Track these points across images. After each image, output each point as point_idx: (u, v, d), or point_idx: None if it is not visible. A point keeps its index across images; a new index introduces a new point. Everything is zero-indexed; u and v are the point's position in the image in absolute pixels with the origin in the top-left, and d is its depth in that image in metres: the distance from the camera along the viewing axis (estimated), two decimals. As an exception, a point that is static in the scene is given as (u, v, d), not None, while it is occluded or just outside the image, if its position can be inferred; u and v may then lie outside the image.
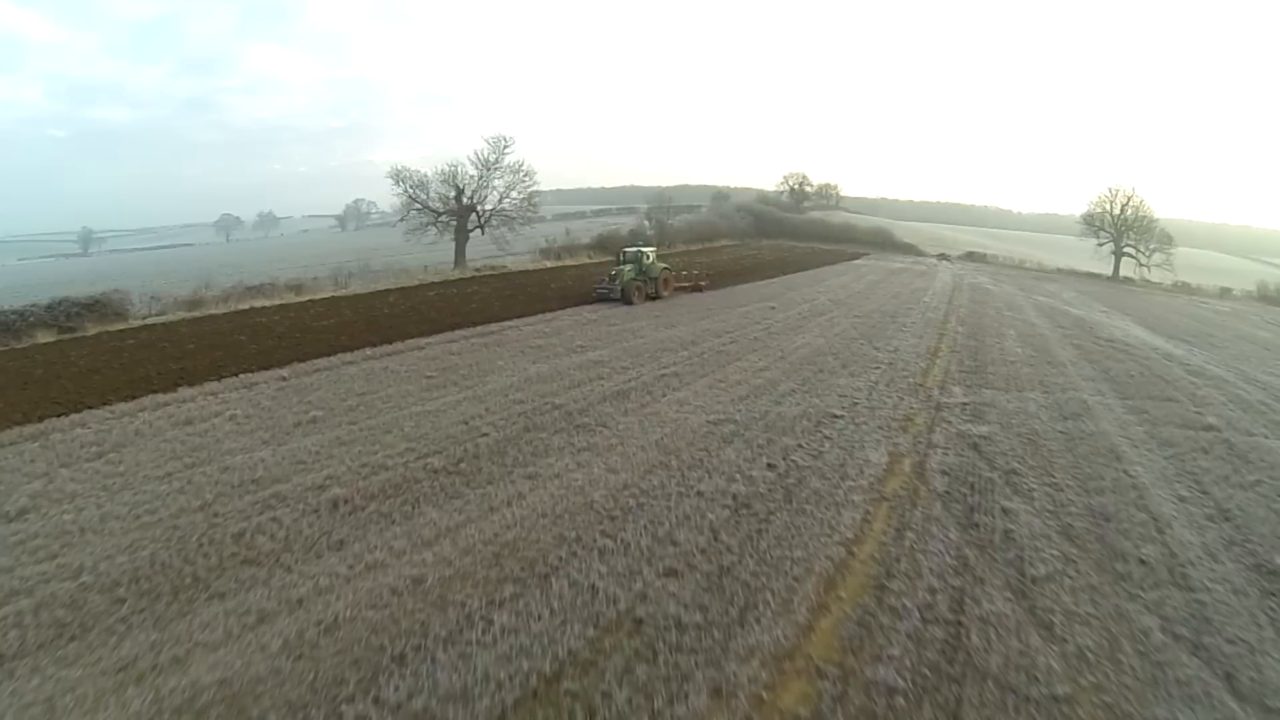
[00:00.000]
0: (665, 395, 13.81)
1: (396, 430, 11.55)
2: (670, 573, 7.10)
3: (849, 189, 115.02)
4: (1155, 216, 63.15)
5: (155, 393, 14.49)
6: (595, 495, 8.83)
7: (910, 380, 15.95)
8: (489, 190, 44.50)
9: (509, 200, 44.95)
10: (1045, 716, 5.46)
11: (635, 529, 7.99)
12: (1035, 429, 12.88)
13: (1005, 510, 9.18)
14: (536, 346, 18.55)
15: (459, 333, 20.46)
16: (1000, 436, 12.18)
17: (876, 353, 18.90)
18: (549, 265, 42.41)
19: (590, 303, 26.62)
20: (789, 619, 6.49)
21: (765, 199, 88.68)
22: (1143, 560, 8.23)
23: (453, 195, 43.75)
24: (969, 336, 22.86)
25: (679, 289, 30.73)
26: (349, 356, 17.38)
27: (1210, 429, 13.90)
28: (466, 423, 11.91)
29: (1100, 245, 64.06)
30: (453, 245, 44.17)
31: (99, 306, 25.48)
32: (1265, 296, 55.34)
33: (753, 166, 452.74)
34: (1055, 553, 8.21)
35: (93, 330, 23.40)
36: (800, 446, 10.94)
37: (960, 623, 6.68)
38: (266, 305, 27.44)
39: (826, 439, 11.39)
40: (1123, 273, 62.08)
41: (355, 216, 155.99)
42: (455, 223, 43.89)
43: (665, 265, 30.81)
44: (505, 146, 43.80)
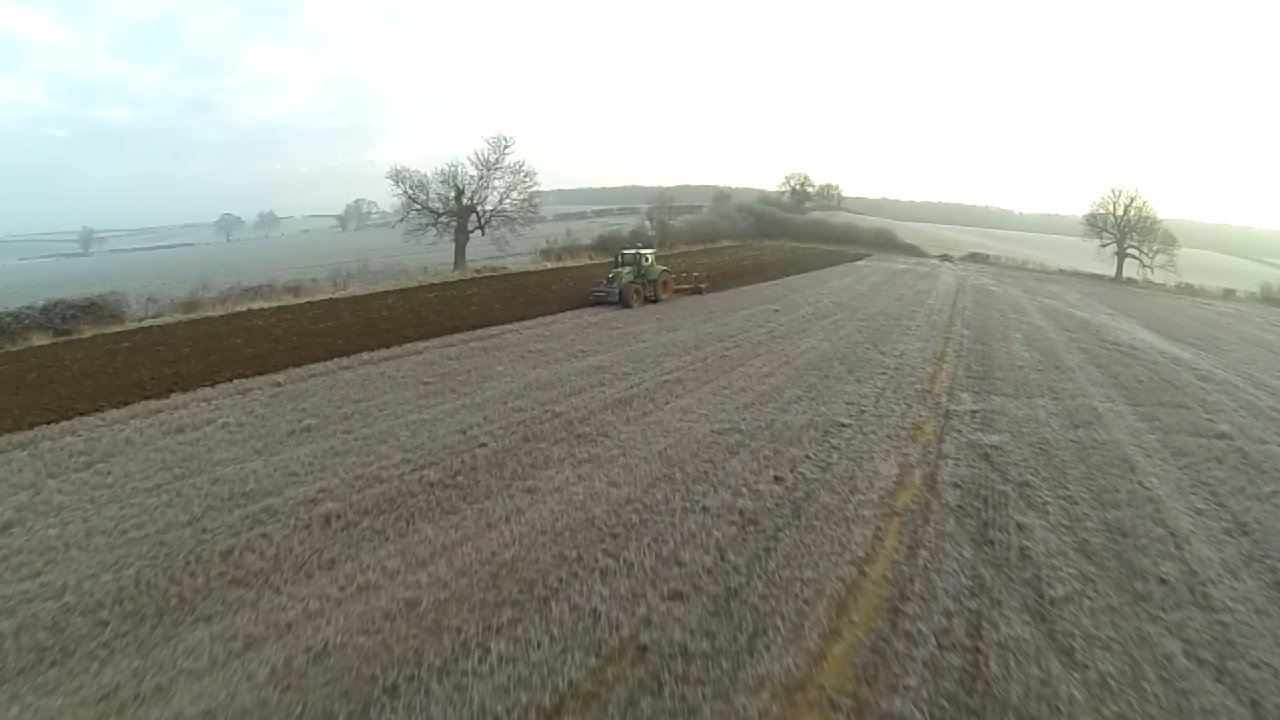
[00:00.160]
0: (668, 403, 13.52)
1: (392, 440, 11.27)
2: (675, 595, 6.80)
3: (850, 189, 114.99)
4: (1158, 217, 62.99)
5: (148, 399, 14.26)
6: (597, 511, 8.53)
7: (918, 387, 15.67)
8: (489, 191, 44.27)
9: (509, 201, 44.72)
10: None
11: (638, 547, 7.69)
12: (1046, 438, 12.61)
13: (1020, 526, 8.90)
14: (536, 351, 18.26)
15: (458, 336, 20.18)
16: (1011, 446, 11.91)
17: (882, 358, 18.62)
18: (549, 266, 42.08)
19: (591, 305, 26.26)
20: (800, 646, 6.21)
21: (767, 199, 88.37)
22: (1163, 579, 7.99)
23: (453, 196, 43.49)
24: (975, 340, 22.57)
25: (678, 291, 30.17)
26: (345, 361, 17.11)
27: (1223, 437, 13.69)
28: (464, 432, 11.62)
29: (1103, 246, 63.82)
30: (452, 246, 43.93)
31: (95, 309, 25.26)
32: (1269, 298, 55.17)
33: (754, 167, 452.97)
34: (1073, 571, 7.96)
35: (88, 333, 23.21)
36: (808, 458, 10.65)
37: (978, 649, 6.42)
38: (264, 307, 27.20)
39: (834, 449, 11.10)
40: (1125, 274, 61.83)
41: (356, 216, 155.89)
42: (455, 223, 43.63)
43: (664, 267, 30.23)
44: (505, 147, 43.58)
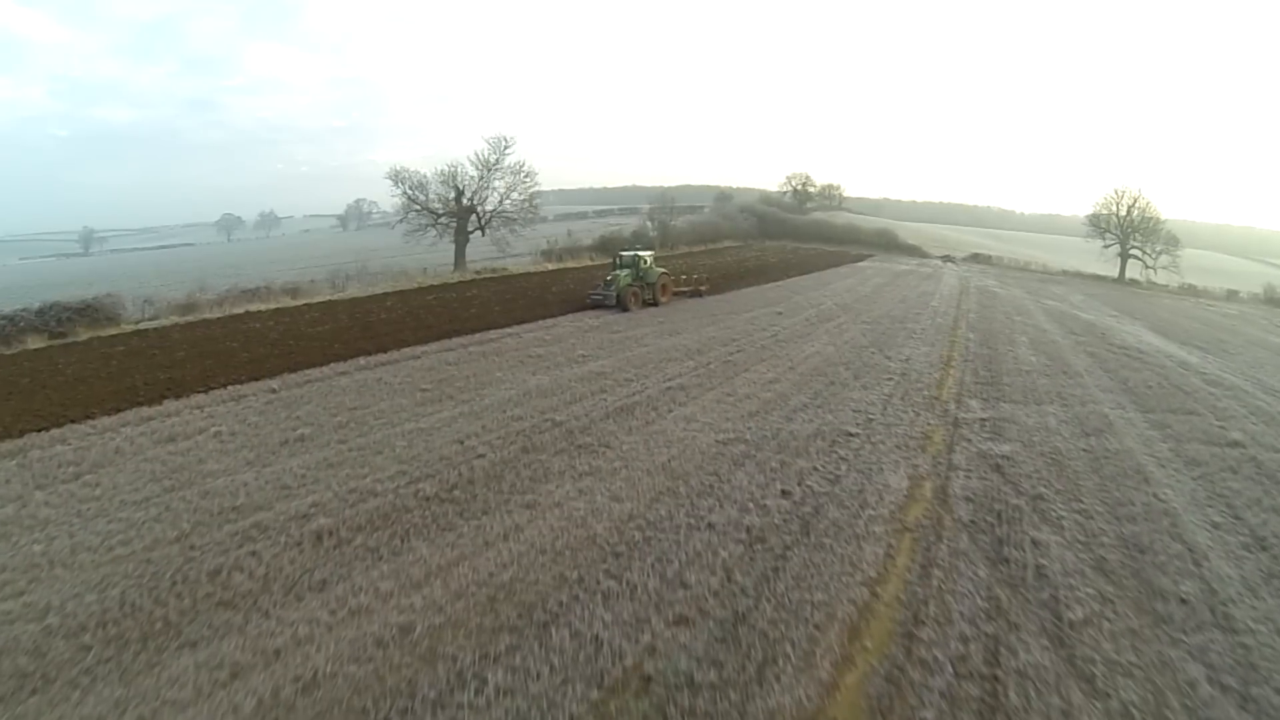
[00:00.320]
0: (671, 411, 13.21)
1: (388, 450, 10.97)
2: (681, 621, 6.51)
3: (851, 189, 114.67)
4: (1162, 218, 62.71)
5: (140, 405, 13.98)
6: (598, 528, 8.22)
7: (925, 393, 15.37)
8: (489, 191, 44.00)
9: (509, 201, 44.44)
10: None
11: (642, 568, 7.38)
12: (1058, 447, 12.32)
13: (1035, 542, 8.61)
14: (536, 356, 17.96)
15: (456, 340, 19.87)
16: (1023, 457, 11.61)
17: (888, 362, 18.32)
18: (550, 267, 41.74)
19: (589, 309, 25.87)
20: (811, 675, 5.93)
21: (768, 199, 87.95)
22: (1183, 599, 7.72)
23: (452, 196, 43.20)
24: (981, 344, 22.27)
25: (677, 294, 29.63)
26: (342, 366, 16.81)
27: (1236, 445, 13.43)
28: (461, 442, 11.31)
29: (1106, 247, 63.54)
30: (452, 247, 43.64)
31: (90, 311, 24.98)
32: (1272, 299, 54.95)
33: (755, 166, 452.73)
34: (1091, 591, 7.67)
35: (84, 335, 22.94)
36: (816, 470, 10.35)
37: (996, 677, 6.13)
38: (261, 309, 26.93)
39: (843, 460, 10.80)
40: (1128, 275, 61.54)
41: (356, 216, 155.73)
42: (455, 224, 43.34)
43: (663, 269, 29.57)
44: (506, 147, 43.31)
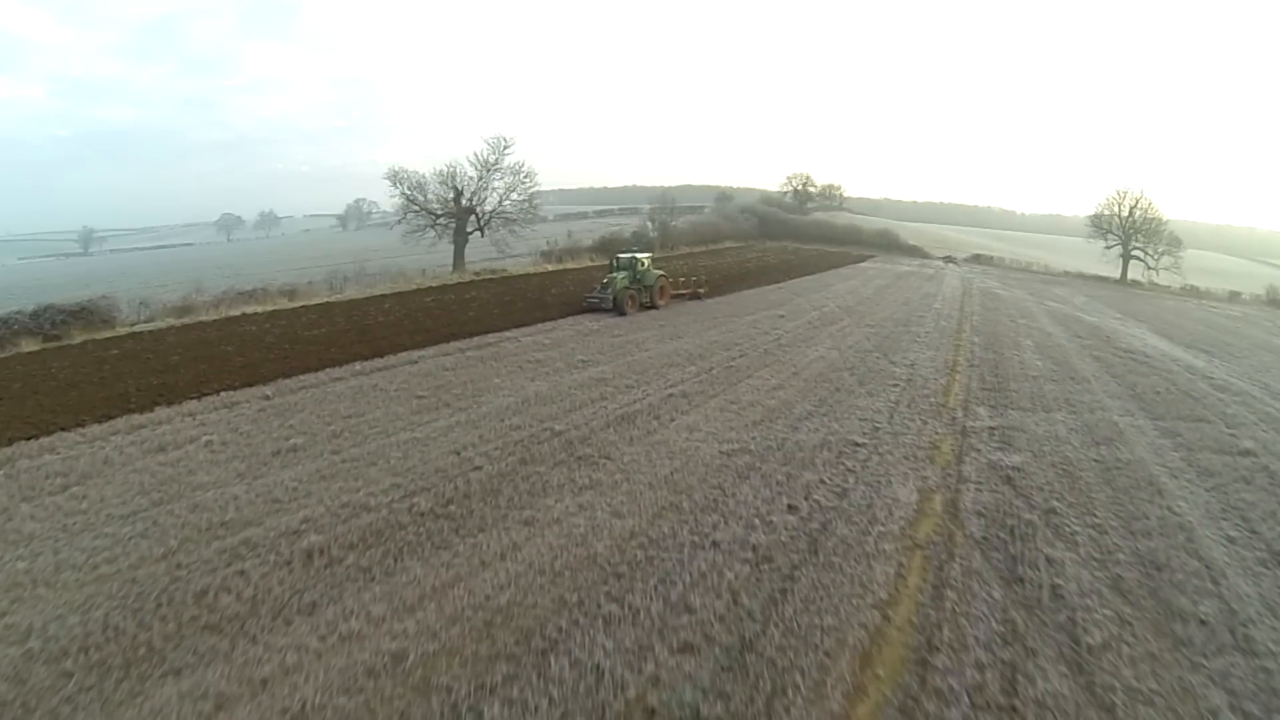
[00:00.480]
0: (674, 420, 12.93)
1: (382, 462, 10.69)
2: (686, 648, 6.23)
3: (852, 189, 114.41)
4: (1164, 219, 62.52)
5: (131, 412, 13.74)
6: (599, 546, 7.93)
7: (932, 400, 15.10)
8: (488, 192, 43.75)
9: (509, 202, 44.19)
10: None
11: (645, 590, 7.10)
12: (1069, 457, 12.05)
13: (1050, 560, 8.34)
14: (536, 361, 17.67)
15: (454, 344, 19.59)
16: (1033, 468, 11.34)
17: (893, 367, 18.05)
18: (550, 268, 41.48)
19: (599, 311, 25.46)
20: (822, 707, 5.66)
21: (769, 200, 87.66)
22: (1202, 620, 7.45)
23: (451, 197, 42.93)
24: (986, 348, 22.00)
25: (676, 297, 29.10)
26: (338, 372, 16.52)
27: (1247, 454, 13.17)
28: (458, 453, 11.03)
29: (1108, 248, 63.35)
30: (451, 248, 43.37)
31: (85, 313, 24.73)
32: (1274, 301, 54.86)
33: (756, 166, 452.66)
34: (1109, 613, 7.40)
35: (79, 338, 22.71)
36: (823, 483, 10.06)
37: (1014, 708, 5.87)
38: (258, 311, 26.64)
39: (850, 473, 10.52)
40: (1130, 275, 61.33)
41: (356, 216, 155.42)
42: (454, 225, 43.07)
43: (661, 272, 28.82)
44: (505, 147, 43.08)
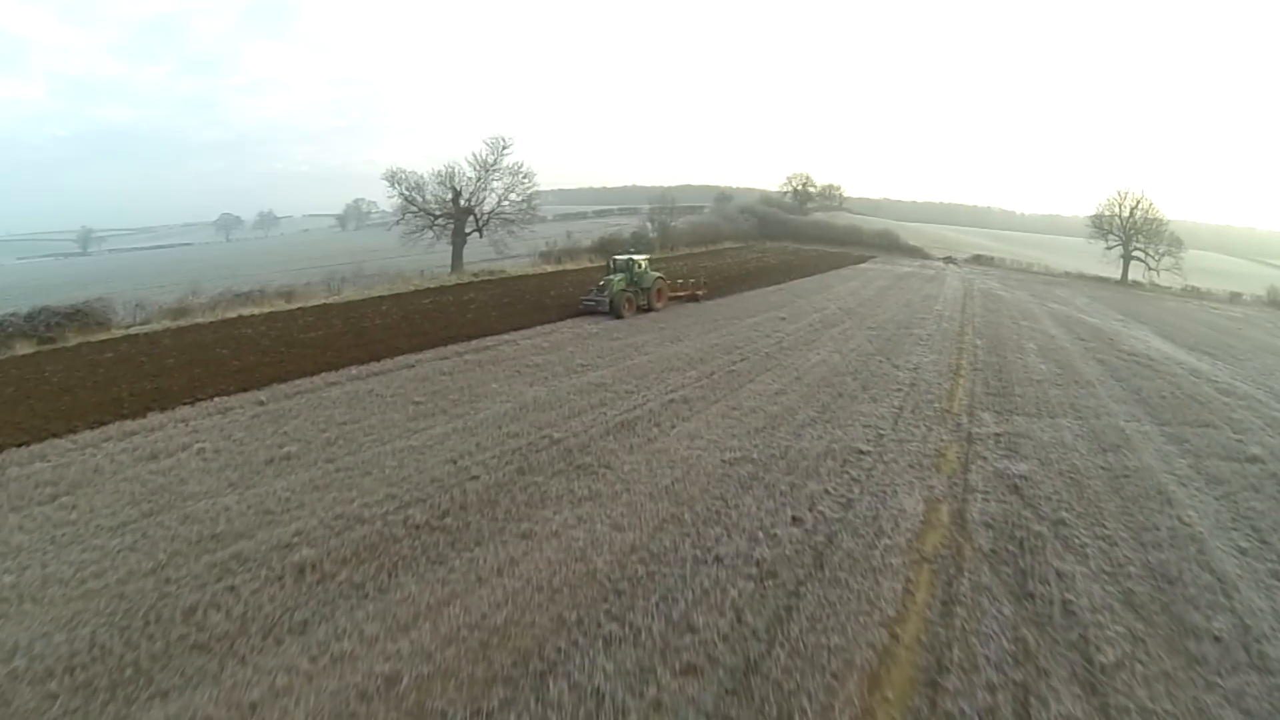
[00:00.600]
0: (674, 427, 12.70)
1: (377, 471, 10.46)
2: (689, 670, 6.02)
3: (852, 189, 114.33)
4: (1165, 219, 62.40)
5: (124, 418, 13.52)
6: (599, 561, 7.72)
7: (936, 405, 14.90)
8: (487, 192, 43.55)
9: (508, 202, 43.99)
10: None
11: (646, 608, 6.89)
12: (1076, 465, 11.85)
13: (1060, 574, 8.14)
14: (534, 365, 17.45)
15: (452, 348, 19.36)
16: (1041, 476, 11.14)
17: (896, 371, 17.85)
18: (549, 269, 41.27)
19: (595, 313, 25.14)
20: (830, 734, 5.47)
21: (768, 200, 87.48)
22: (1216, 637, 7.25)
23: (450, 198, 42.72)
24: (989, 351, 21.82)
25: (674, 299, 28.60)
26: (333, 376, 16.29)
27: (1255, 460, 12.98)
28: (454, 462, 10.80)
29: (1109, 249, 63.21)
30: (450, 248, 43.16)
31: (80, 316, 24.51)
32: (1275, 302, 54.79)
33: (755, 167, 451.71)
34: (1121, 630, 7.20)
35: (74, 341, 22.50)
36: (827, 493, 9.86)
37: (1029, 732, 5.68)
38: (255, 314, 26.41)
39: (855, 482, 10.31)
40: (1131, 276, 61.20)
41: (355, 216, 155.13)
42: (452, 226, 42.86)
43: (658, 274, 28.35)
44: (504, 147, 42.88)
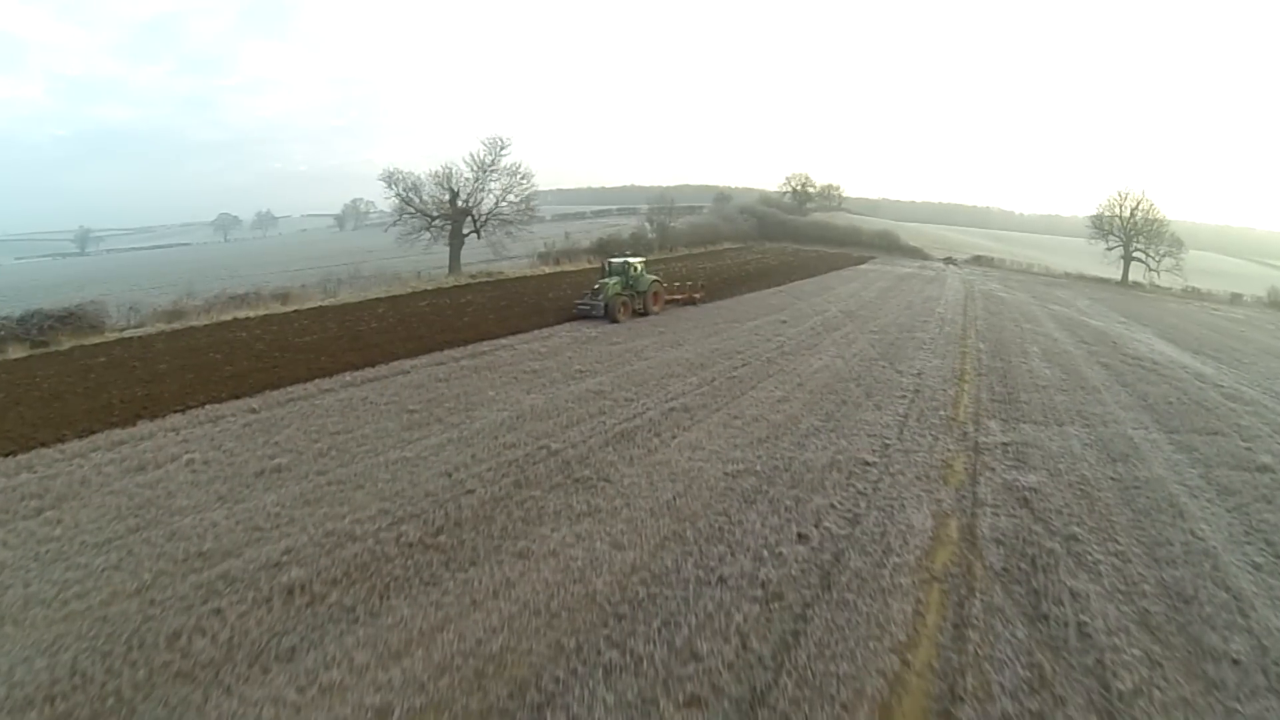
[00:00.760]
0: (675, 437, 12.43)
1: (369, 484, 10.18)
2: (693, 702, 5.75)
3: (851, 189, 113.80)
4: (1165, 220, 62.30)
5: (114, 426, 13.27)
6: (598, 583, 7.46)
7: (941, 413, 14.64)
8: (485, 193, 43.28)
9: (506, 203, 43.70)
10: None
11: (647, 633, 6.63)
12: (1085, 476, 11.61)
13: (1074, 594, 7.89)
14: (532, 371, 17.16)
15: (448, 353, 19.08)
16: (1050, 488, 10.89)
17: (900, 377, 17.60)
18: (547, 271, 41.02)
19: (590, 318, 24.82)
20: (841, 770, 5.22)
21: (767, 200, 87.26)
22: (1235, 660, 7.03)
23: (447, 198, 42.42)
24: (992, 355, 21.58)
25: (670, 302, 28.06)
26: (327, 383, 16.01)
27: (1265, 470, 12.78)
28: (449, 475, 10.52)
29: (1109, 249, 63.07)
30: (447, 250, 42.87)
31: (74, 319, 24.24)
32: (1276, 303, 54.70)
33: (754, 166, 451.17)
34: (1138, 653, 6.96)
35: (67, 344, 22.26)
36: (833, 507, 9.60)
37: (1048, 767, 5.44)
38: (250, 316, 26.14)
39: (861, 496, 10.05)
40: (1131, 277, 61.06)
41: (354, 216, 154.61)
42: (449, 227, 42.56)
43: (655, 277, 27.73)
44: (501, 148, 42.59)
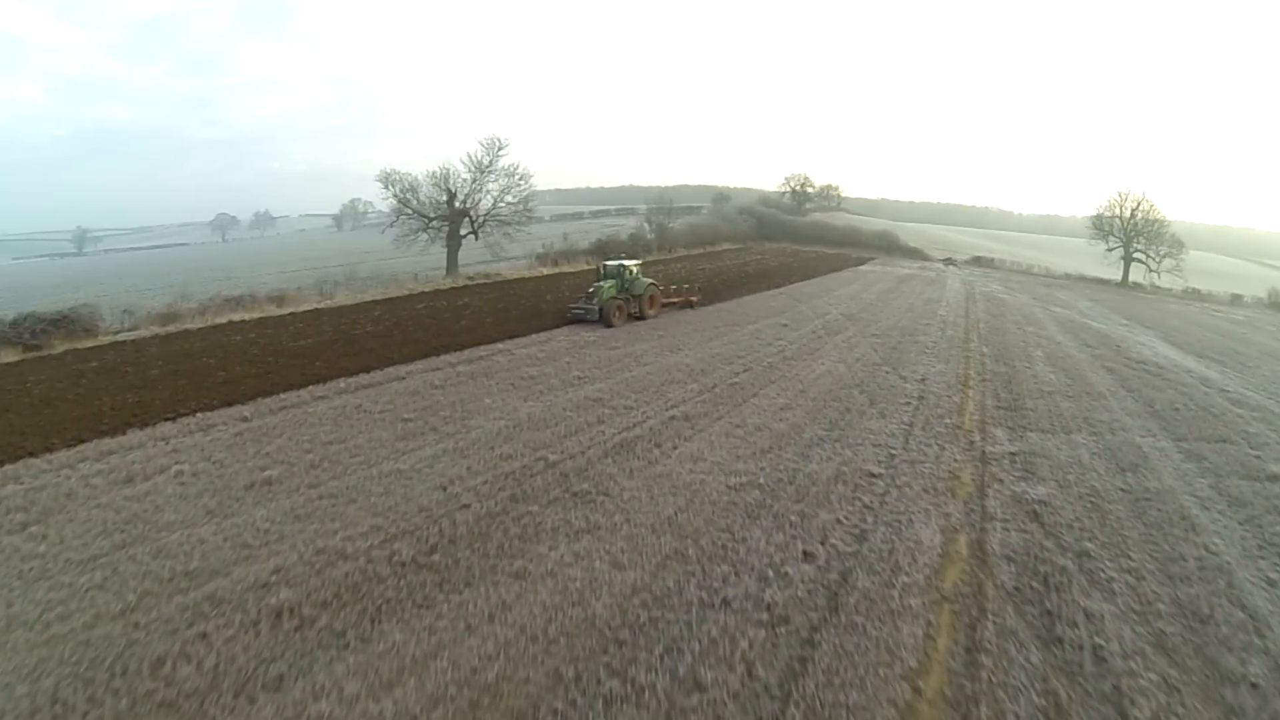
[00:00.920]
0: (676, 447, 12.17)
1: (362, 498, 9.91)
2: (696, 736, 5.54)
3: (850, 189, 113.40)
4: (1166, 220, 62.13)
5: (103, 435, 13.00)
6: (598, 606, 7.20)
7: (947, 422, 14.39)
8: (482, 194, 42.97)
9: (504, 204, 43.40)
10: None
11: (649, 660, 6.38)
12: (1095, 487, 11.37)
13: (1088, 614, 7.65)
14: (529, 377, 16.88)
15: (444, 358, 18.79)
16: (1060, 501, 10.65)
17: (904, 383, 17.35)
18: (545, 272, 40.72)
19: (585, 323, 24.21)
20: (853, 811, 4.97)
21: (767, 200, 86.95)
22: (1253, 683, 6.81)
23: (444, 199, 42.11)
24: (996, 360, 21.34)
25: (667, 306, 27.53)
26: (321, 390, 15.71)
27: (1275, 479, 12.56)
28: (444, 488, 10.24)
29: (1109, 250, 62.89)
30: (445, 251, 42.57)
31: (67, 322, 23.97)
32: (1276, 304, 54.57)
33: (753, 166, 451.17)
34: (1155, 678, 6.73)
35: (59, 348, 22.03)
36: (839, 523, 9.34)
37: (1068, 805, 5.20)
38: (245, 319, 25.85)
39: (868, 510, 9.80)
40: (1131, 278, 60.88)
41: (352, 216, 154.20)
42: (447, 228, 42.26)
43: (651, 280, 27.04)
44: (499, 148, 42.27)
